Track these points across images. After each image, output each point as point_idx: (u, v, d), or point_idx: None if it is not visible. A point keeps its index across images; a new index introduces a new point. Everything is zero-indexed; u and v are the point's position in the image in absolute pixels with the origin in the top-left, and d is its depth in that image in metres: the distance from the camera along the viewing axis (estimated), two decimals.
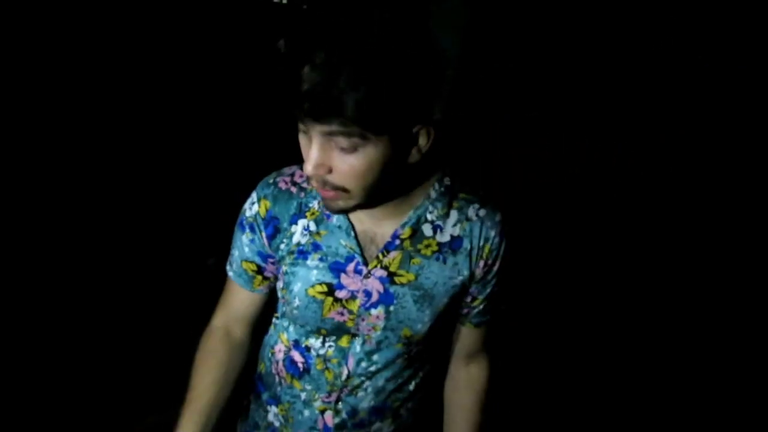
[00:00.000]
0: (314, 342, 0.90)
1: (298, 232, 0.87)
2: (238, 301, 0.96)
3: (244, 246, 0.91)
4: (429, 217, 0.85)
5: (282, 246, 0.88)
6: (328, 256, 0.85)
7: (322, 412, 0.93)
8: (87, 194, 3.07)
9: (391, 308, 0.85)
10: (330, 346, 0.89)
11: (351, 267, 0.85)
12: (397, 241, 0.84)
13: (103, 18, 3.07)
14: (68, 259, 2.73)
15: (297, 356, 0.93)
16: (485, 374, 1.04)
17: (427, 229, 0.86)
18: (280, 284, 0.90)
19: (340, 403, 0.92)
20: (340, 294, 0.85)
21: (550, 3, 3.62)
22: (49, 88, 3.01)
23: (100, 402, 1.99)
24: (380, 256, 0.84)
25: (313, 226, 0.86)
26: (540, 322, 2.61)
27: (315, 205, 0.87)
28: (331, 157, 0.71)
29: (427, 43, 0.69)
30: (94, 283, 2.61)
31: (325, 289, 0.85)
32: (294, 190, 0.88)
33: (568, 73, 3.83)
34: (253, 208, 0.89)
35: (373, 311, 0.86)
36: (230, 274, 0.95)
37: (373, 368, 0.90)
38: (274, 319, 1.00)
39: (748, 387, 2.38)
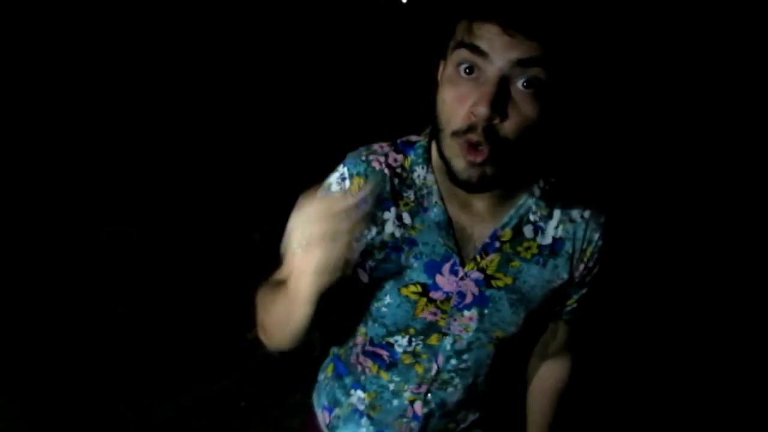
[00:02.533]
0: (400, 339, 0.86)
1: (390, 222, 0.79)
2: None
3: None
4: (531, 218, 0.80)
5: (367, 233, 0.80)
6: (423, 254, 0.78)
7: (412, 402, 0.91)
8: (138, 168, 3.06)
9: (486, 311, 0.82)
10: (417, 345, 0.86)
11: (447, 267, 0.79)
12: (497, 243, 0.79)
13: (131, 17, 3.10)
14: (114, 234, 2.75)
15: (379, 350, 0.88)
16: (566, 371, 1.02)
17: (528, 231, 0.80)
18: (364, 278, 0.83)
19: (429, 395, 0.90)
20: (435, 295, 0.80)
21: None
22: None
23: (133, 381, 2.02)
24: (478, 258, 0.79)
25: (407, 219, 0.79)
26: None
27: (411, 195, 0.79)
28: (506, 100, 0.64)
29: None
30: (139, 259, 2.61)
31: (419, 289, 0.80)
32: (388, 172, 0.80)
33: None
34: (344, 183, 0.81)
35: (466, 313, 0.82)
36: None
37: (463, 366, 0.87)
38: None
39: (749, 387, 2.33)
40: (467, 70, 0.65)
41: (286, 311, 0.69)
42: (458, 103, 0.65)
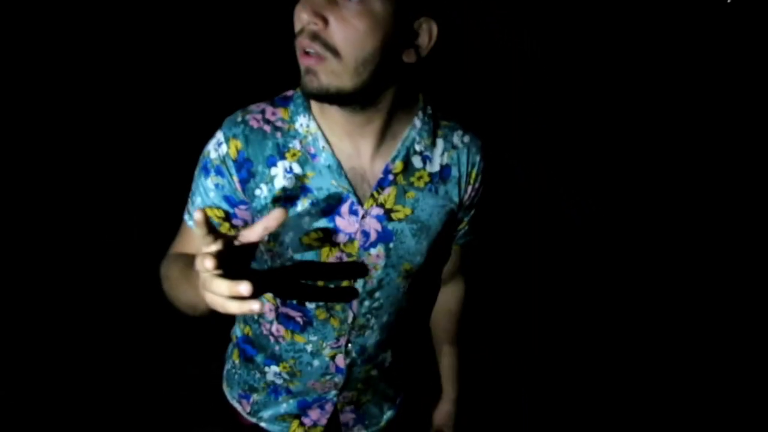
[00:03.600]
0: None
1: (279, 176, 0.78)
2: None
3: (209, 191, 0.81)
4: (417, 148, 0.83)
5: (259, 193, 0.79)
6: (319, 199, 0.78)
7: (333, 357, 0.90)
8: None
9: (391, 245, 0.83)
10: None
11: (345, 208, 0.79)
12: (390, 177, 0.81)
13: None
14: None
15: (291, 312, 0.86)
16: (462, 292, 1.08)
17: (417, 161, 0.84)
18: (264, 237, 0.76)
19: (349, 344, 0.90)
20: (338, 238, 0.80)
21: (550, 5, 3.66)
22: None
23: (143, 355, 2.15)
24: (375, 194, 0.81)
25: (297, 168, 0.78)
26: (539, 323, 2.61)
27: (296, 145, 0.79)
28: (330, 8, 0.66)
29: None
30: (138, 259, 2.62)
31: (321, 235, 0.79)
32: (268, 128, 0.79)
33: (565, 74, 3.87)
34: (220, 149, 0.79)
35: (373, 251, 0.83)
36: (190, 223, 0.85)
37: (376, 305, 0.88)
38: None
39: (748, 387, 2.32)
40: None
41: (195, 299, 0.69)
42: (296, 11, 0.68)
